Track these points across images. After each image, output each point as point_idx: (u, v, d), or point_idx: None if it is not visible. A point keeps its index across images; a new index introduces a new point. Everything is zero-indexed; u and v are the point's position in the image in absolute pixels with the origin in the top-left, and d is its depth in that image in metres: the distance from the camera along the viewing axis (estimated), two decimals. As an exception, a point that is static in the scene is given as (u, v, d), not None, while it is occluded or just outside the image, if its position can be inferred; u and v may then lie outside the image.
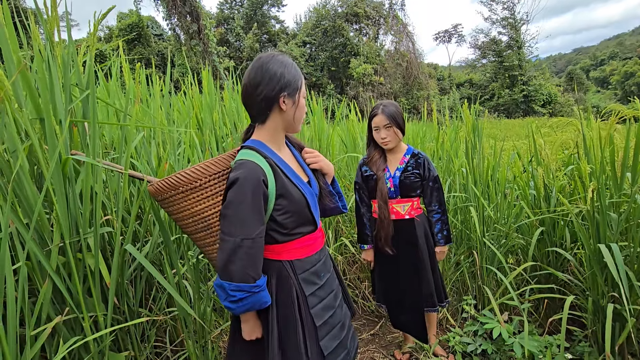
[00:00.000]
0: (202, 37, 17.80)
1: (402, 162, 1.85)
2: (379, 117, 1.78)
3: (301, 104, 1.06)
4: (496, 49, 29.68)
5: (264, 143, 1.05)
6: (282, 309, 1.05)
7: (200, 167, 1.05)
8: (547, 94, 27.56)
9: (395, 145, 1.83)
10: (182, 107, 2.83)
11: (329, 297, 1.15)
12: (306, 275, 1.09)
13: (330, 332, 1.12)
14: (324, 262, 1.17)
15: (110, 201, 1.43)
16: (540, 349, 1.73)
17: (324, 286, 1.14)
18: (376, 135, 1.82)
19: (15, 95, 1.00)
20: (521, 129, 15.74)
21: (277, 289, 1.06)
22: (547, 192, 2.17)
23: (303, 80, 1.07)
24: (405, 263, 1.84)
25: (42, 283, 1.05)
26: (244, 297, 0.92)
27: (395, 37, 24.83)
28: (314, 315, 1.08)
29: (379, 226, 1.80)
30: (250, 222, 0.93)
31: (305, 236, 1.11)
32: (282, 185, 1.02)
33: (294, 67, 1.04)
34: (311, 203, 1.09)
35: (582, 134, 1.78)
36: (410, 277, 1.84)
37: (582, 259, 1.92)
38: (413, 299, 1.85)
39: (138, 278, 1.57)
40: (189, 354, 1.49)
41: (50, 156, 1.01)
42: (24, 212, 1.05)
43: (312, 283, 1.10)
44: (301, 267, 1.09)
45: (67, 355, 1.18)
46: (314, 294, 1.10)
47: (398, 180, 1.82)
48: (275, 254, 1.07)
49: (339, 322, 1.17)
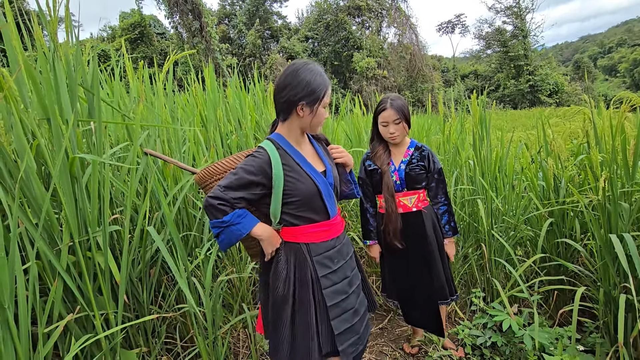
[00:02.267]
0: (205, 35, 17.78)
1: (407, 155, 1.83)
2: (389, 111, 1.73)
3: (319, 113, 1.16)
4: (501, 39, 29.23)
5: (283, 137, 1.20)
6: (299, 289, 1.18)
7: (234, 157, 1.25)
8: (554, 84, 27.14)
9: (402, 139, 1.81)
10: (186, 105, 2.83)
11: (343, 283, 1.24)
12: (320, 259, 1.20)
13: (342, 315, 1.21)
14: (338, 250, 1.25)
15: (118, 200, 1.44)
16: (551, 340, 1.71)
17: (337, 271, 1.23)
18: (384, 130, 1.78)
19: (21, 95, 1.00)
20: (527, 119, 15.54)
21: (296, 268, 1.19)
22: (556, 183, 2.14)
23: (328, 91, 1.15)
24: (415, 256, 1.83)
25: (53, 282, 1.06)
26: (219, 232, 1.11)
27: (398, 30, 24.57)
28: (326, 296, 1.18)
29: (387, 220, 1.78)
30: (232, 187, 1.10)
31: (320, 222, 1.21)
32: (290, 173, 1.14)
33: (321, 77, 1.13)
34: (324, 192, 1.18)
35: (592, 122, 1.75)
36: (421, 270, 1.82)
37: (593, 249, 1.89)
38: (426, 293, 1.83)
39: (147, 275, 1.58)
40: (199, 350, 1.50)
41: (57, 155, 1.01)
42: (33, 212, 1.06)
43: (325, 266, 1.20)
44: (316, 250, 1.20)
45: (80, 353, 1.19)
46: (326, 277, 1.20)
47: (404, 172, 1.80)
48: (293, 236, 1.20)
49: (351, 307, 1.24)
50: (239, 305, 1.98)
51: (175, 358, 1.68)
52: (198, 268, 1.86)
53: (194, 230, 1.92)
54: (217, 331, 1.57)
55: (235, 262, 2.00)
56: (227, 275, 1.84)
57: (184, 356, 1.67)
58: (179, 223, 1.87)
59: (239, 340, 2.01)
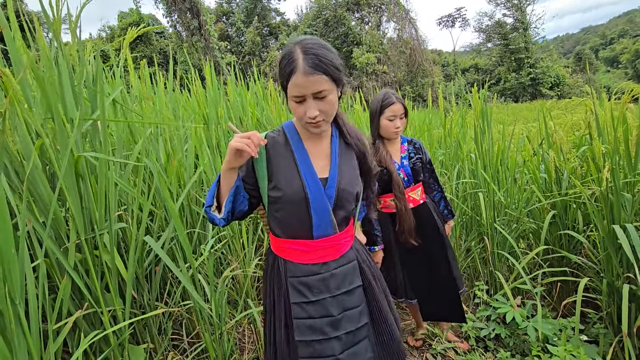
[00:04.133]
0: (203, 33, 17.73)
1: (404, 150, 1.83)
2: (397, 105, 1.72)
3: (292, 106, 0.93)
4: (501, 32, 29.04)
5: (293, 126, 1.04)
6: (276, 305, 1.03)
7: None
8: (555, 76, 26.98)
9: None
10: (187, 104, 2.84)
11: (321, 320, 0.98)
12: (294, 282, 1.00)
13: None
14: (323, 279, 1.00)
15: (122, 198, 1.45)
16: (555, 331, 1.73)
17: (315, 304, 0.98)
18: (389, 125, 1.74)
19: (25, 95, 1.01)
20: (529, 112, 15.47)
21: (274, 282, 1.04)
22: (558, 175, 2.14)
23: (295, 78, 0.88)
24: (433, 249, 1.82)
25: (61, 279, 1.08)
26: (206, 216, 1.00)
27: (397, 25, 24.43)
28: (296, 328, 0.97)
29: (401, 219, 1.75)
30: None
31: (301, 240, 0.99)
32: (277, 165, 0.98)
33: (287, 57, 0.90)
34: (313, 202, 0.96)
35: (595, 114, 1.74)
36: (440, 262, 1.82)
37: (596, 240, 1.89)
38: (447, 283, 1.82)
39: (153, 272, 1.59)
40: (206, 345, 1.52)
41: (63, 154, 1.02)
42: (40, 211, 1.07)
43: (299, 293, 0.99)
44: (292, 271, 1.01)
45: (89, 349, 1.21)
46: (299, 305, 0.98)
47: (409, 167, 1.80)
48: (275, 246, 1.05)
49: (329, 355, 0.97)
50: (244, 301, 2.00)
51: (182, 354, 1.70)
52: (202, 265, 1.88)
53: (197, 228, 1.93)
54: (223, 327, 1.58)
55: (239, 258, 2.01)
56: (231, 271, 1.85)
57: (191, 352, 1.68)
58: (182, 220, 1.88)
59: (244, 335, 2.02)
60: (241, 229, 2.04)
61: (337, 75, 0.90)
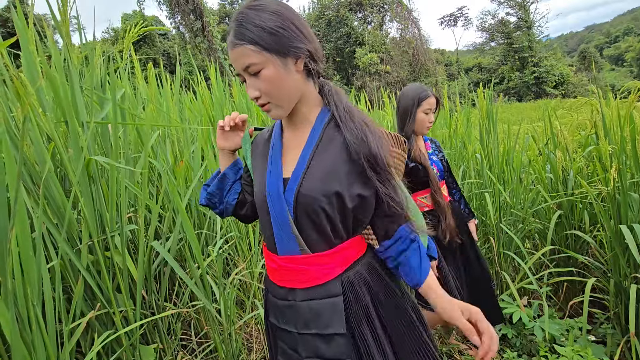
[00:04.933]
0: (207, 34, 17.81)
1: (428, 147, 1.80)
2: (433, 98, 1.67)
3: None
4: (504, 31, 28.92)
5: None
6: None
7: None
8: (559, 75, 26.83)
9: None
10: (193, 105, 2.86)
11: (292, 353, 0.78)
12: (270, 298, 0.84)
13: None
14: (290, 307, 0.77)
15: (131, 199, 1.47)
16: (562, 332, 1.73)
17: (284, 333, 0.80)
18: (425, 119, 1.67)
19: (39, 100, 1.02)
20: (533, 112, 15.39)
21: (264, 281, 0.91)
22: (564, 175, 2.13)
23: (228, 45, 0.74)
24: (468, 247, 1.78)
25: (74, 281, 1.10)
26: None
27: (400, 24, 24.40)
28: (279, 347, 0.82)
29: (443, 215, 1.67)
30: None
31: (269, 252, 0.82)
32: (255, 161, 0.86)
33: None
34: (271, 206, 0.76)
35: (601, 113, 1.74)
36: (474, 260, 1.78)
37: (603, 240, 1.89)
38: (483, 283, 1.77)
39: (162, 274, 1.61)
40: (215, 345, 1.54)
41: (76, 158, 1.04)
42: (53, 213, 1.09)
43: (273, 313, 0.83)
44: (267, 283, 0.85)
45: (101, 349, 1.23)
46: (278, 327, 0.82)
47: (440, 163, 1.77)
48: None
49: None
50: (252, 302, 2.01)
51: (191, 354, 1.72)
52: (210, 266, 1.89)
53: (205, 229, 1.95)
54: (231, 327, 1.60)
55: (246, 259, 2.03)
56: (238, 274, 1.87)
57: (199, 352, 1.70)
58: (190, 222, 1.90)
59: (252, 336, 2.04)
60: (248, 230, 2.06)
61: (270, 42, 0.68)
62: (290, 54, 0.70)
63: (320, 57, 0.76)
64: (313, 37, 0.74)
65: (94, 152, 1.29)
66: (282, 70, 0.70)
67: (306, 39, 0.72)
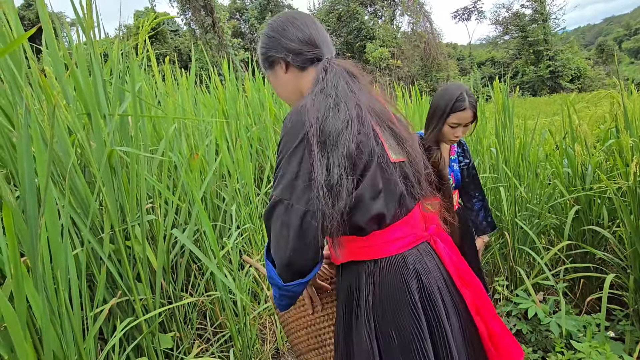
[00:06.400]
0: (217, 30, 17.87)
1: (453, 152, 1.65)
2: (467, 113, 1.42)
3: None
4: (519, 24, 28.22)
5: None
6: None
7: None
8: (576, 69, 26.10)
9: None
10: (207, 100, 2.89)
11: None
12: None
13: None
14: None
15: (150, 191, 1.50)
16: (578, 328, 1.70)
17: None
18: (450, 132, 1.47)
19: (63, 92, 1.05)
20: (548, 106, 15.06)
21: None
22: (582, 169, 2.09)
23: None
24: (470, 256, 1.70)
25: (97, 268, 1.13)
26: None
27: (411, 18, 24.06)
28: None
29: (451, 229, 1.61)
30: None
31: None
32: None
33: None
34: None
35: (622, 106, 1.70)
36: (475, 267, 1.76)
37: (622, 236, 1.85)
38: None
39: (178, 265, 1.65)
40: (231, 334, 1.57)
41: (99, 149, 1.07)
42: (77, 203, 1.13)
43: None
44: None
45: (122, 336, 1.27)
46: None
47: (459, 172, 1.64)
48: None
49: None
50: (265, 295, 2.04)
51: (207, 342, 1.75)
52: (225, 257, 1.92)
53: (219, 221, 1.98)
54: (247, 317, 1.63)
55: (260, 251, 2.06)
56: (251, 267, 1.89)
57: (215, 341, 1.74)
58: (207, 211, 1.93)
59: (265, 327, 2.07)
60: (262, 223, 2.08)
61: (262, 61, 0.87)
62: (274, 64, 0.84)
63: (303, 49, 0.82)
64: (294, 35, 0.82)
65: (116, 144, 1.32)
66: (274, 79, 0.87)
67: (284, 42, 0.82)
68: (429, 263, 0.81)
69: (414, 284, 0.77)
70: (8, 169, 1.09)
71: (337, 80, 0.77)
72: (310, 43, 0.82)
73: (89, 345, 0.93)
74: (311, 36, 0.82)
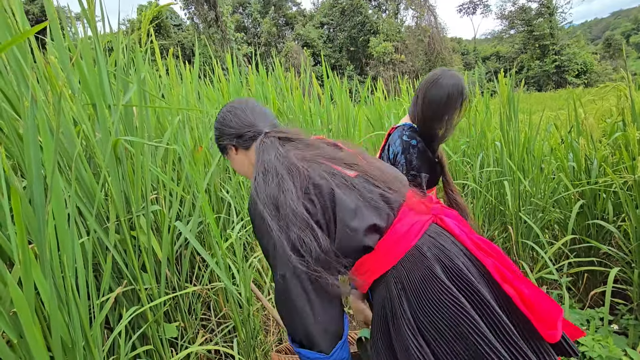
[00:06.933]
0: (220, 25, 17.82)
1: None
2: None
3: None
4: (525, 18, 27.86)
5: None
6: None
7: None
8: (582, 63, 25.77)
9: None
10: (210, 93, 2.89)
11: None
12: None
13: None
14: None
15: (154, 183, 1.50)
16: (582, 322, 1.70)
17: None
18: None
19: (69, 83, 1.06)
20: (553, 101, 14.91)
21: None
22: (587, 163, 2.08)
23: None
24: None
25: (102, 258, 1.14)
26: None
27: (416, 12, 23.85)
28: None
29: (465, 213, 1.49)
30: None
31: None
32: None
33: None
34: None
35: (630, 98, 1.68)
36: None
37: (628, 230, 1.84)
38: None
39: (182, 256, 1.66)
40: (234, 325, 1.58)
41: (104, 139, 1.07)
42: (83, 193, 1.13)
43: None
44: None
45: (127, 324, 1.28)
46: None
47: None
48: None
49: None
50: (269, 286, 2.06)
51: (210, 332, 1.77)
52: (228, 249, 1.94)
53: (223, 213, 1.99)
54: (250, 307, 1.64)
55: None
56: (256, 257, 1.91)
57: (219, 332, 1.75)
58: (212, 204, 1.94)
59: (268, 318, 2.09)
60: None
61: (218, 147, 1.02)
62: (226, 149, 1.00)
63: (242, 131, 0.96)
64: (233, 122, 0.96)
65: (120, 135, 1.32)
66: (230, 161, 1.03)
67: (227, 130, 0.97)
68: (444, 242, 0.81)
69: (437, 269, 0.77)
70: (15, 160, 1.10)
71: (269, 156, 0.88)
72: (248, 125, 0.96)
73: (95, 332, 0.94)
74: (247, 119, 0.96)
